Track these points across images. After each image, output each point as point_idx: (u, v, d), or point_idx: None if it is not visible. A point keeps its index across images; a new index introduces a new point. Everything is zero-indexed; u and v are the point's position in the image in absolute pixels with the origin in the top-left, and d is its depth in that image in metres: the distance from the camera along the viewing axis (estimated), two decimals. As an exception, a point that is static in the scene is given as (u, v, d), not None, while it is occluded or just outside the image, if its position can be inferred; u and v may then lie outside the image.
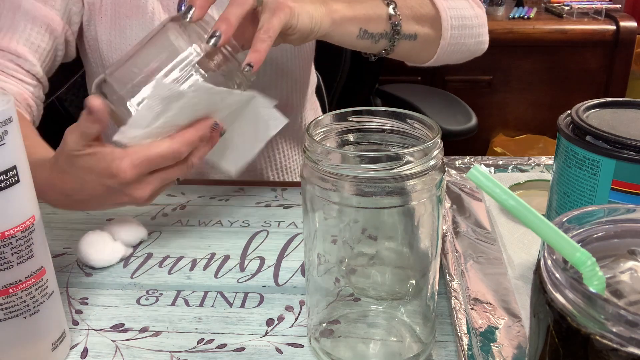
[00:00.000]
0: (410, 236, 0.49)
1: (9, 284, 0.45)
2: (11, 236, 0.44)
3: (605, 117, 0.52)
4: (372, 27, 0.73)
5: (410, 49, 0.79)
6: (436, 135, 0.45)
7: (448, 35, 0.79)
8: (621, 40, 2.05)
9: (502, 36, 2.05)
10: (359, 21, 0.71)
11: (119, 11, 0.83)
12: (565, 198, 0.51)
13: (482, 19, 0.85)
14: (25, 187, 0.45)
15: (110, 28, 0.84)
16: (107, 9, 0.84)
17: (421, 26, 0.77)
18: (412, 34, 0.77)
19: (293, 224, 0.73)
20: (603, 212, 0.36)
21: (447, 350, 0.52)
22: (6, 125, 0.43)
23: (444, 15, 0.78)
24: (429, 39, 0.79)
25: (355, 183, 0.43)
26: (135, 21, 0.83)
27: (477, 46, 0.85)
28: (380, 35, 0.74)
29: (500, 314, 0.52)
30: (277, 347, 0.53)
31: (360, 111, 0.49)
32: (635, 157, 0.46)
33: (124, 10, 0.83)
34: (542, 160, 0.80)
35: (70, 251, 0.68)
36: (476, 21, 0.83)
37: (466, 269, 0.58)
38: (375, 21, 0.73)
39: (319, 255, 0.49)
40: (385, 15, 0.73)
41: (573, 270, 0.33)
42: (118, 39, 0.83)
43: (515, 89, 2.18)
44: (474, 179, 0.34)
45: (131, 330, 0.55)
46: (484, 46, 0.87)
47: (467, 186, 0.74)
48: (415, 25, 0.76)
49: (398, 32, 0.74)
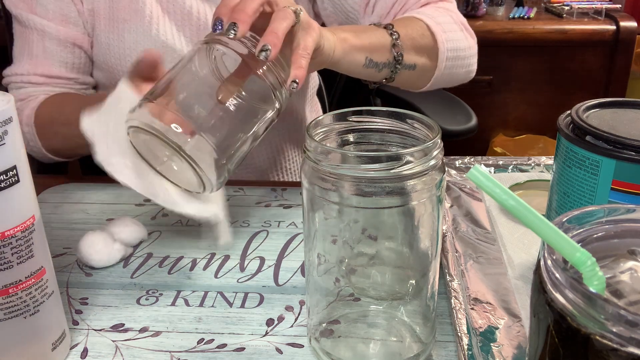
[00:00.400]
0: (410, 236, 0.49)
1: (9, 284, 0.45)
2: (11, 236, 0.44)
3: (605, 117, 0.52)
4: (377, 57, 0.74)
5: (408, 78, 0.81)
6: (436, 135, 0.45)
7: (443, 67, 0.81)
8: (621, 40, 2.05)
9: (502, 36, 2.04)
10: (365, 50, 0.72)
11: (117, 15, 0.83)
12: (565, 198, 0.51)
13: (474, 50, 0.87)
14: (25, 187, 0.45)
15: (109, 31, 0.84)
16: (106, 12, 0.84)
17: (420, 57, 0.79)
18: (412, 64, 0.78)
19: (293, 224, 0.73)
20: (603, 212, 0.36)
21: (447, 350, 0.52)
22: (6, 125, 0.43)
23: (441, 48, 0.80)
24: (426, 69, 0.81)
25: (355, 183, 0.43)
26: (134, 25, 0.83)
27: (466, 75, 0.88)
28: (384, 65, 0.75)
29: (500, 314, 0.52)
30: (277, 347, 0.53)
31: (360, 111, 0.49)
32: (635, 157, 0.46)
33: (122, 14, 0.83)
34: (542, 160, 0.80)
35: (70, 251, 0.68)
36: (469, 52, 0.85)
37: (466, 269, 0.58)
38: (380, 51, 0.74)
39: (319, 255, 0.49)
40: (389, 46, 0.75)
41: (573, 270, 0.33)
42: (116, 42, 0.84)
43: (515, 89, 2.18)
44: (474, 179, 0.34)
45: (131, 330, 0.55)
46: (471, 75, 0.89)
47: (467, 186, 0.74)
48: (415, 55, 0.78)
49: (400, 62, 0.76)
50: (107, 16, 0.84)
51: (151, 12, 0.83)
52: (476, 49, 0.89)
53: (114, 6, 0.83)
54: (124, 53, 0.84)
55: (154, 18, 0.83)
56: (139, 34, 0.83)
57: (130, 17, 0.83)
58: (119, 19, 0.83)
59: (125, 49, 0.84)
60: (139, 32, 0.83)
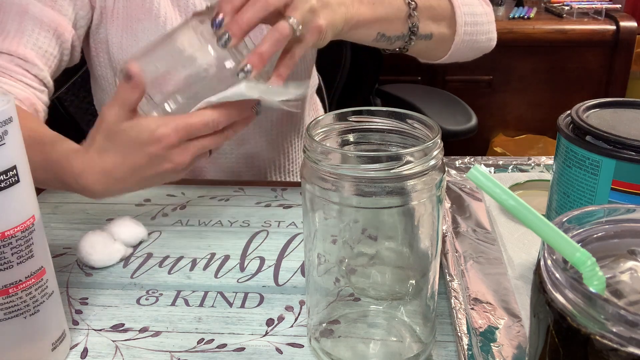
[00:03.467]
0: (410, 236, 0.49)
1: (9, 284, 0.45)
2: (11, 236, 0.44)
3: (605, 117, 0.52)
4: (390, 30, 0.72)
5: (424, 48, 0.79)
6: (436, 135, 0.45)
7: (462, 32, 0.80)
8: (621, 40, 2.05)
9: (502, 36, 2.01)
10: (378, 24, 0.70)
11: (131, 15, 0.83)
12: (565, 198, 0.51)
13: (491, 16, 0.85)
14: (25, 187, 0.45)
15: (122, 31, 0.83)
16: (119, 12, 0.83)
17: (437, 25, 0.77)
18: (427, 34, 0.76)
19: (293, 224, 0.73)
20: (603, 212, 0.36)
21: (447, 350, 0.52)
22: (6, 125, 0.43)
23: (458, 12, 0.78)
24: (444, 38, 0.79)
25: (355, 183, 0.43)
26: (147, 24, 0.83)
27: (487, 43, 0.86)
28: (397, 38, 0.74)
29: (500, 314, 0.52)
30: (277, 347, 0.53)
31: (360, 111, 0.49)
32: (635, 157, 0.46)
33: (136, 14, 0.83)
34: (542, 160, 0.80)
35: (70, 251, 0.68)
36: (486, 18, 0.83)
37: (466, 269, 0.58)
38: (394, 23, 0.72)
39: (319, 255, 0.49)
40: (405, 17, 0.73)
41: (573, 270, 0.33)
42: (130, 42, 0.83)
43: (515, 89, 2.18)
44: (474, 179, 0.34)
45: (131, 330, 0.55)
46: (492, 43, 0.87)
47: (467, 186, 0.74)
48: (431, 25, 0.76)
49: (414, 32, 0.74)
50: (121, 15, 0.83)
51: (165, 13, 0.83)
52: (493, 16, 0.87)
53: (129, 5, 0.83)
54: None
55: (168, 19, 0.83)
56: (153, 34, 0.83)
57: (145, 16, 0.83)
58: (133, 19, 0.83)
59: (138, 48, 0.83)
60: (153, 32, 0.83)
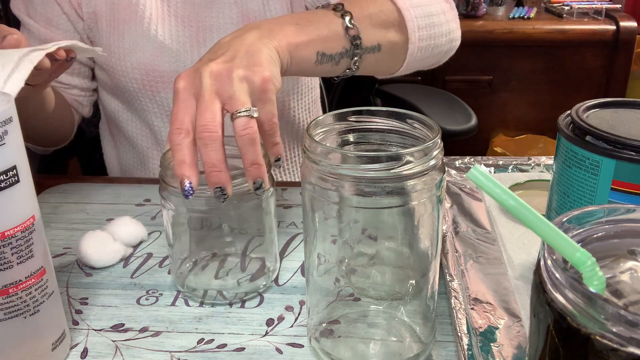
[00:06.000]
0: (410, 236, 0.49)
1: (9, 284, 0.45)
2: (11, 236, 0.44)
3: (605, 117, 0.52)
4: (330, 48, 0.64)
5: (376, 62, 0.70)
6: (436, 135, 0.45)
7: (416, 38, 0.71)
8: (621, 40, 2.05)
9: (502, 36, 2.04)
10: (314, 44, 0.63)
11: (118, 16, 0.84)
12: (565, 198, 0.51)
13: (450, 14, 0.76)
14: (25, 187, 0.45)
15: (109, 33, 0.85)
16: (107, 14, 0.84)
17: (384, 34, 0.68)
18: (374, 45, 0.68)
19: (293, 224, 0.73)
20: (603, 212, 0.36)
21: (447, 350, 0.52)
22: (6, 125, 0.43)
23: (407, 16, 0.70)
24: (396, 46, 0.71)
25: (355, 183, 0.43)
26: (133, 26, 0.83)
27: (449, 44, 0.76)
28: (340, 55, 0.65)
29: (500, 314, 0.52)
30: (277, 347, 0.53)
31: (360, 111, 0.49)
32: (635, 157, 0.46)
33: (122, 16, 0.84)
34: (542, 160, 0.80)
35: (70, 251, 0.68)
36: (444, 17, 0.74)
37: (466, 269, 0.58)
38: (332, 40, 0.64)
39: (319, 255, 0.49)
40: (342, 31, 0.65)
41: (573, 270, 0.33)
42: (117, 43, 0.84)
43: (515, 89, 2.18)
44: (474, 179, 0.34)
45: (131, 330, 0.55)
46: (455, 43, 0.78)
47: (467, 186, 0.74)
48: (377, 34, 0.68)
49: (358, 46, 0.66)
50: (108, 18, 0.84)
51: (150, 14, 0.83)
52: (455, 13, 0.77)
53: (115, 8, 0.84)
54: (124, 54, 0.84)
55: (153, 19, 0.83)
56: (138, 35, 0.83)
57: (130, 18, 0.83)
58: (120, 20, 0.84)
59: (125, 49, 0.84)
60: (139, 33, 0.83)
